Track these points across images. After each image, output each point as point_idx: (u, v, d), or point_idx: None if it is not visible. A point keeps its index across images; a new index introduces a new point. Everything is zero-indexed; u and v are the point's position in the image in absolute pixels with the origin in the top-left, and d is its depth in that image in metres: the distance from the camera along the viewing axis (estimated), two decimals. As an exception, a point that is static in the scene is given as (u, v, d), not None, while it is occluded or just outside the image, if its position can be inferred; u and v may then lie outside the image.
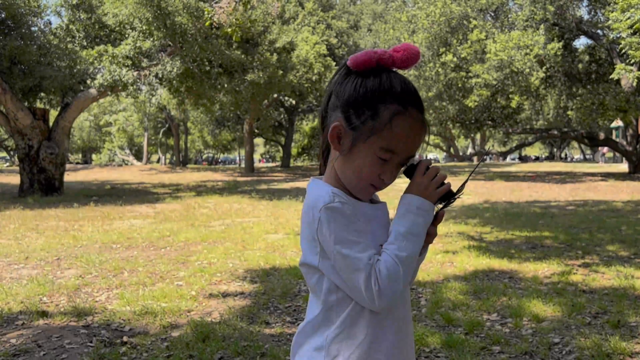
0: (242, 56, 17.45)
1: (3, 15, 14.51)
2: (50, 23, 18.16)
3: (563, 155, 67.94)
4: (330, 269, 1.25)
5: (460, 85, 22.04)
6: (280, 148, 45.43)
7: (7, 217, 11.00)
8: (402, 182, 1.33)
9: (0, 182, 25.31)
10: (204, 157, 74.49)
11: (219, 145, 58.79)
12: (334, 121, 1.27)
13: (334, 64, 26.81)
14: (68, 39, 17.87)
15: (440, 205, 1.30)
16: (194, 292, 4.94)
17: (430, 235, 1.30)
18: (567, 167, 34.96)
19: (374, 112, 1.22)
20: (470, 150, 62.85)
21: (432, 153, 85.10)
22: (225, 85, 18.31)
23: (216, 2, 14.26)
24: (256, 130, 36.62)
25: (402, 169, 1.30)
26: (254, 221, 10.13)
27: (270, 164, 56.17)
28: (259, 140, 57.69)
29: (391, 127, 1.21)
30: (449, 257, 6.37)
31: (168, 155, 61.94)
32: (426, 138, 1.29)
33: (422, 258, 1.38)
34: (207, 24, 9.10)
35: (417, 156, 1.30)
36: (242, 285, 5.22)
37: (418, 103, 1.26)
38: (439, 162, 70.36)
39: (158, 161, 59.92)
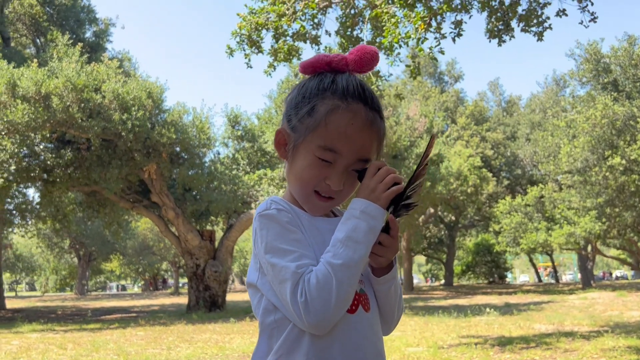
0: (391, 171, 17.79)
1: (178, 149, 16.45)
2: (219, 153, 20.25)
3: None
4: (267, 286, 1.10)
5: (633, 189, 20.10)
6: (442, 266, 44.02)
7: (169, 331, 11.73)
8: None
9: (178, 302, 27.58)
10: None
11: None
12: (279, 128, 1.19)
13: (490, 175, 26.13)
14: (233, 166, 19.68)
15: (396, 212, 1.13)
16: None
17: (387, 248, 1.11)
18: None
19: (311, 109, 1.12)
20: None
21: (619, 270, 76.66)
22: (377, 201, 18.63)
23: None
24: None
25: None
26: (397, 335, 9.68)
27: (435, 283, 54.44)
28: (421, 259, 56.75)
29: (326, 123, 1.09)
30: (610, 373, 5.46)
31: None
32: (382, 141, 1.15)
33: (390, 283, 1.16)
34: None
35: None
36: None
37: (364, 98, 1.12)
38: (627, 279, 62.58)
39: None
